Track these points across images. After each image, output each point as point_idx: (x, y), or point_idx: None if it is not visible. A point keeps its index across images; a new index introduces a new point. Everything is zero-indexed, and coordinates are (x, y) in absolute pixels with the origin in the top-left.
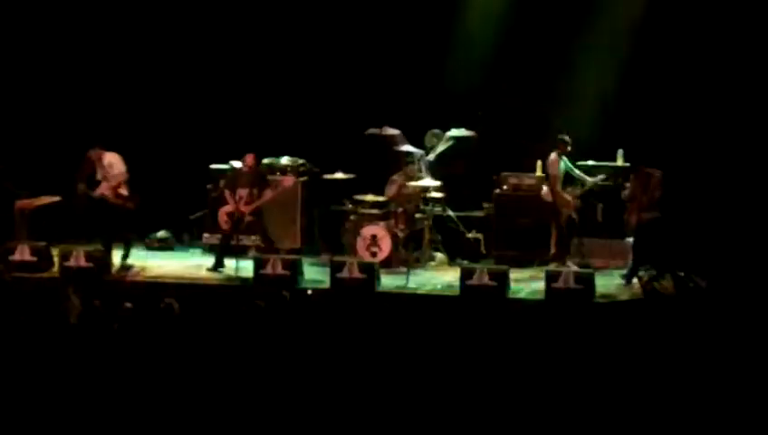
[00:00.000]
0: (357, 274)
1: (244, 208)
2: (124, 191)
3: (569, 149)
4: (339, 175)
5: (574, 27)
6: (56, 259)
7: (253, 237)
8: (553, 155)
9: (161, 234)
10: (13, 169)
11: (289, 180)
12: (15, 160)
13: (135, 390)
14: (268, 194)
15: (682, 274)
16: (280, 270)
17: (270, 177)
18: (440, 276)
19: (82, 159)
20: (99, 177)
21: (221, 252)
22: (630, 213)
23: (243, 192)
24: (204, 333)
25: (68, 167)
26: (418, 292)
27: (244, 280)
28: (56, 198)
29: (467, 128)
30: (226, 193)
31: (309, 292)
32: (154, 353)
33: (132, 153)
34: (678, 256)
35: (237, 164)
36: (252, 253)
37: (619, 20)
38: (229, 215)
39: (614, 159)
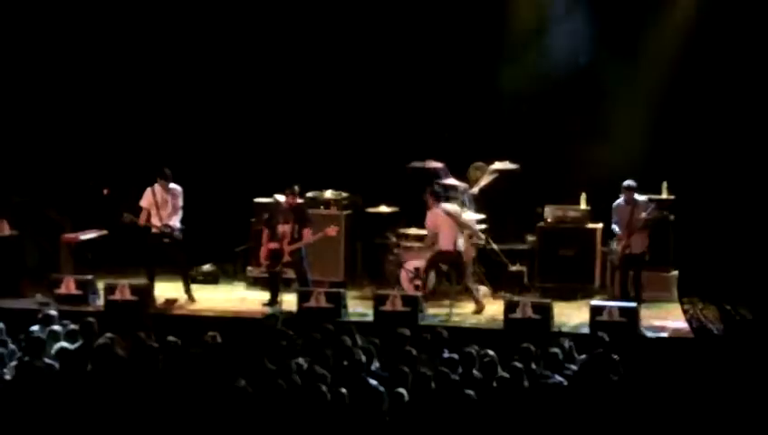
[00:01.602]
0: (400, 306)
1: (284, 247)
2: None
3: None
4: (382, 208)
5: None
6: (101, 292)
7: (285, 270)
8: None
9: (206, 267)
10: (58, 202)
11: (332, 230)
12: (59, 193)
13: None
14: (309, 236)
15: (728, 306)
16: (323, 303)
17: (314, 210)
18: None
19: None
20: (150, 206)
21: (272, 287)
22: (618, 242)
23: (284, 228)
24: (246, 365)
25: (112, 199)
26: (462, 325)
27: (288, 313)
28: (103, 232)
29: (511, 160)
30: (264, 232)
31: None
32: (198, 385)
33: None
34: (723, 287)
35: (281, 197)
36: (295, 286)
37: (660, 52)
38: (271, 251)
39: (659, 192)
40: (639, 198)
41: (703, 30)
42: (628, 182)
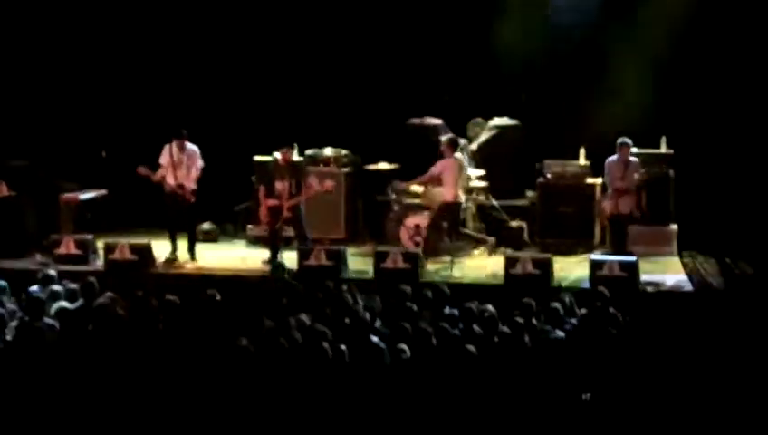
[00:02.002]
0: (401, 264)
1: (283, 203)
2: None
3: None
4: (382, 165)
5: (616, 17)
6: (101, 252)
7: (285, 227)
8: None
9: (206, 226)
10: (59, 162)
11: (329, 184)
12: (62, 153)
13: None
14: (307, 191)
15: (728, 260)
16: (324, 261)
17: (313, 168)
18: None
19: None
20: (168, 164)
21: (272, 244)
22: (606, 200)
23: (280, 185)
24: (246, 323)
25: (114, 159)
26: (463, 281)
27: (289, 271)
28: (102, 191)
29: (510, 116)
30: (261, 189)
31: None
32: (198, 344)
33: None
34: (723, 241)
35: (279, 155)
36: (295, 244)
37: (662, 9)
38: (270, 209)
39: (658, 146)
40: (632, 158)
41: None
42: (623, 139)
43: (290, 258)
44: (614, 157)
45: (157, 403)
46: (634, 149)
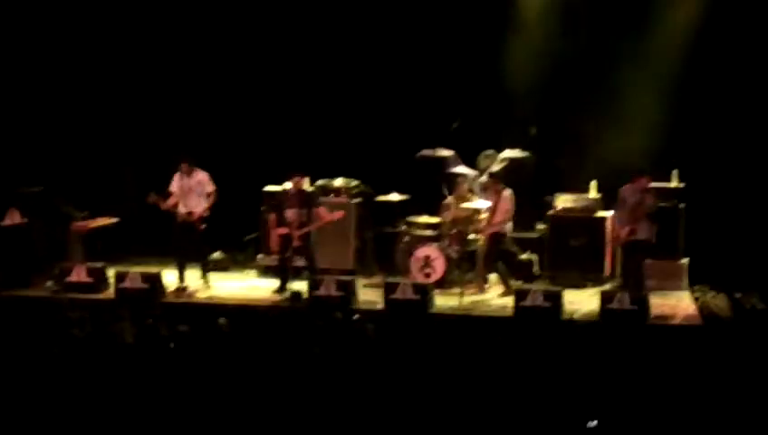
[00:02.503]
0: (411, 295)
1: (293, 232)
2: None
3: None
4: (392, 196)
5: (626, 48)
6: (112, 280)
7: (296, 257)
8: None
9: (216, 255)
10: (70, 191)
11: (339, 214)
12: (73, 181)
13: (188, 408)
14: (318, 221)
15: (738, 294)
16: (333, 291)
17: (324, 198)
18: (494, 298)
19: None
20: (178, 192)
21: (281, 274)
22: (620, 227)
23: (291, 214)
24: (256, 354)
25: (124, 187)
26: (472, 313)
27: (300, 300)
28: (113, 220)
29: (521, 148)
30: (271, 217)
31: (355, 316)
32: (209, 373)
33: None
34: (734, 275)
35: (289, 185)
36: (305, 274)
37: (672, 38)
38: (280, 237)
39: (669, 180)
40: (650, 185)
41: (716, 19)
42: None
43: (299, 288)
44: (629, 185)
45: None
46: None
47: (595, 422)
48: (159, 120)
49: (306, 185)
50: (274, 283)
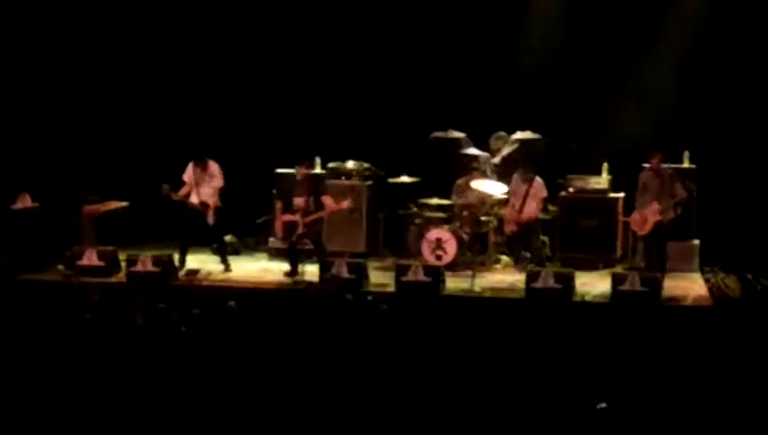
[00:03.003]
0: (422, 277)
1: (299, 219)
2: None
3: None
4: (404, 178)
5: (637, 30)
6: (123, 264)
7: (305, 241)
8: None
9: (227, 238)
10: (82, 175)
11: (345, 204)
12: (85, 166)
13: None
14: (323, 210)
15: (749, 275)
16: (345, 274)
17: (336, 181)
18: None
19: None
20: (192, 182)
21: (291, 257)
22: (646, 212)
23: (299, 201)
24: (267, 336)
25: (136, 172)
26: (484, 295)
27: (310, 283)
28: (124, 204)
29: (533, 130)
30: (278, 204)
31: (369, 298)
32: (220, 356)
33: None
34: (745, 257)
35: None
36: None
37: (684, 18)
38: (285, 224)
39: (681, 161)
40: (665, 167)
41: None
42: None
43: (310, 271)
44: (648, 170)
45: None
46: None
47: (604, 404)
48: (172, 104)
49: (317, 168)
50: (285, 266)
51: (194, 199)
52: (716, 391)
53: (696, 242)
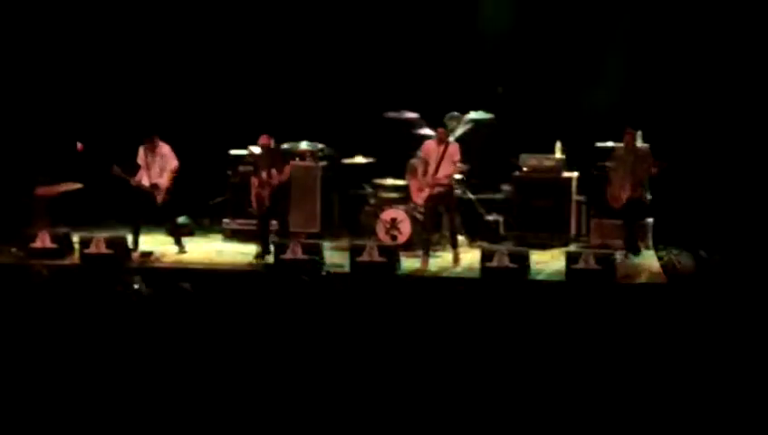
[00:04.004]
0: (377, 257)
1: (263, 192)
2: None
3: None
4: (358, 159)
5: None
6: (76, 246)
7: (273, 222)
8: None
9: (181, 220)
10: (34, 157)
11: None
12: (37, 148)
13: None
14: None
15: (702, 252)
16: (300, 255)
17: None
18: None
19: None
20: (143, 164)
21: (262, 238)
22: (619, 188)
23: (263, 175)
24: (222, 318)
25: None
26: (439, 275)
27: (266, 265)
28: (77, 185)
29: (486, 110)
30: (252, 180)
31: (324, 273)
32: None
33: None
34: (698, 234)
35: (256, 149)
36: (273, 238)
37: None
38: (257, 198)
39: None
40: (639, 144)
41: None
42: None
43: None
44: (620, 145)
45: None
46: (610, 143)
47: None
48: (124, 85)
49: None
50: (241, 247)
51: (145, 181)
52: (671, 368)
53: (650, 220)
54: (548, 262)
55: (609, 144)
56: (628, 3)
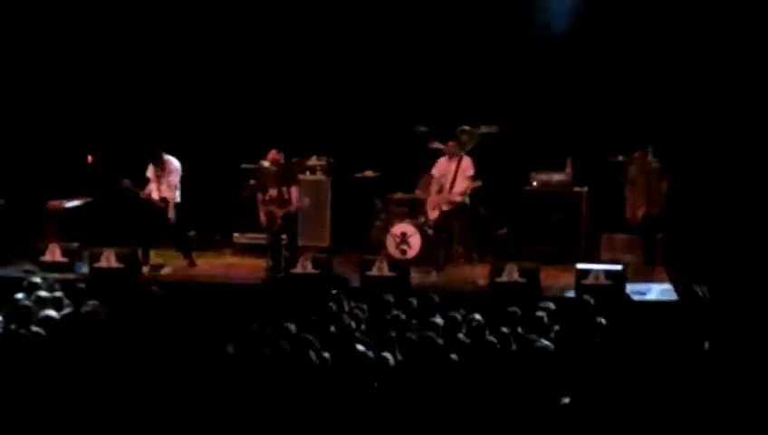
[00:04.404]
0: (387, 272)
1: (275, 210)
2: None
3: None
4: (368, 173)
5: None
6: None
7: (283, 236)
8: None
9: (191, 234)
10: (45, 170)
11: (305, 201)
12: (47, 161)
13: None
14: (295, 198)
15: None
16: (310, 269)
17: (300, 177)
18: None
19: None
20: (153, 178)
21: (273, 253)
22: (634, 207)
23: (273, 192)
24: (232, 330)
25: (100, 167)
26: (447, 289)
27: (276, 279)
28: (88, 199)
29: (497, 124)
30: (258, 196)
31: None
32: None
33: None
34: (709, 250)
35: (266, 163)
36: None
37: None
38: (267, 215)
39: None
40: (651, 159)
41: None
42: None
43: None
44: (633, 164)
45: (140, 410)
46: (620, 158)
47: (568, 399)
48: (135, 99)
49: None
50: (250, 261)
51: (155, 195)
52: (679, 384)
53: (660, 236)
54: (558, 277)
55: (620, 158)
56: (640, 16)
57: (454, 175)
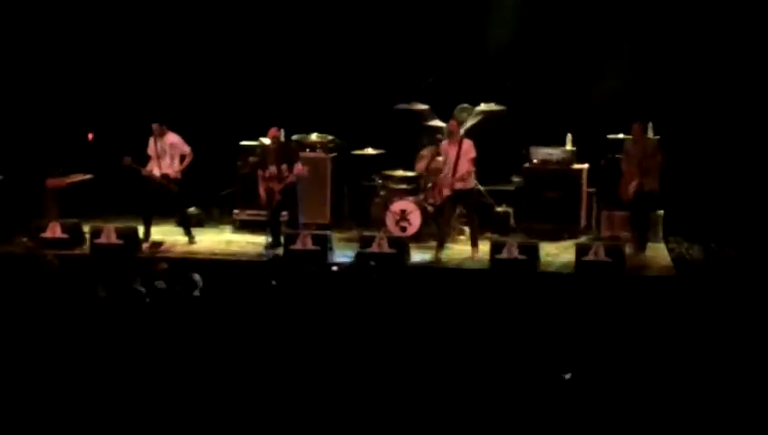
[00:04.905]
0: (386, 249)
1: (274, 187)
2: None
3: None
4: (368, 150)
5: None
6: (87, 236)
7: (283, 213)
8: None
9: (191, 210)
10: (45, 148)
11: (299, 169)
12: (48, 138)
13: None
14: (297, 172)
15: (713, 244)
16: (310, 245)
17: (300, 154)
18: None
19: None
20: (153, 154)
21: (272, 229)
22: (629, 181)
23: (273, 169)
24: (230, 308)
25: (100, 144)
26: (448, 266)
27: (276, 255)
28: (88, 176)
29: (497, 102)
30: (258, 173)
31: (334, 268)
32: (183, 329)
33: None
34: (709, 226)
35: (266, 140)
36: (283, 228)
37: None
38: (266, 192)
39: (645, 132)
40: (651, 136)
41: None
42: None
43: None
44: (630, 138)
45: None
46: (621, 135)
47: (570, 375)
48: (135, 76)
49: (282, 139)
50: (250, 238)
51: (155, 172)
52: (679, 360)
53: (660, 212)
54: (558, 254)
55: (620, 136)
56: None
57: (456, 158)
